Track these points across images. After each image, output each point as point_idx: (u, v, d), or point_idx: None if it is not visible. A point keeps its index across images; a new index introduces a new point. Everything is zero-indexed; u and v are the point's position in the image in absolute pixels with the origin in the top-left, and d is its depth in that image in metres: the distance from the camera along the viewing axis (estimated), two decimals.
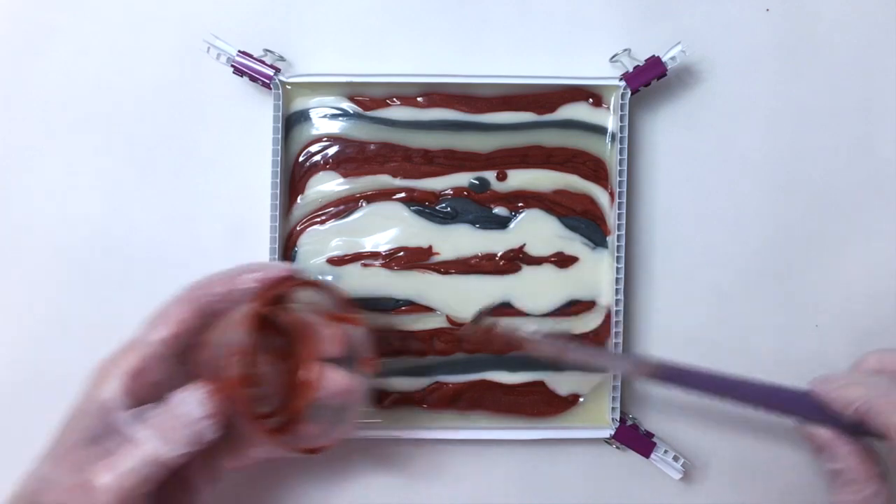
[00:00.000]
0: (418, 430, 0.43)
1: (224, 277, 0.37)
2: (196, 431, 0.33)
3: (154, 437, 0.33)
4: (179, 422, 0.33)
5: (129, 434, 0.33)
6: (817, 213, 0.46)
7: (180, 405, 0.33)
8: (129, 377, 0.34)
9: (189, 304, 0.36)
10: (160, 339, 0.35)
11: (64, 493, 0.32)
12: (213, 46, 0.43)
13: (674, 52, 0.43)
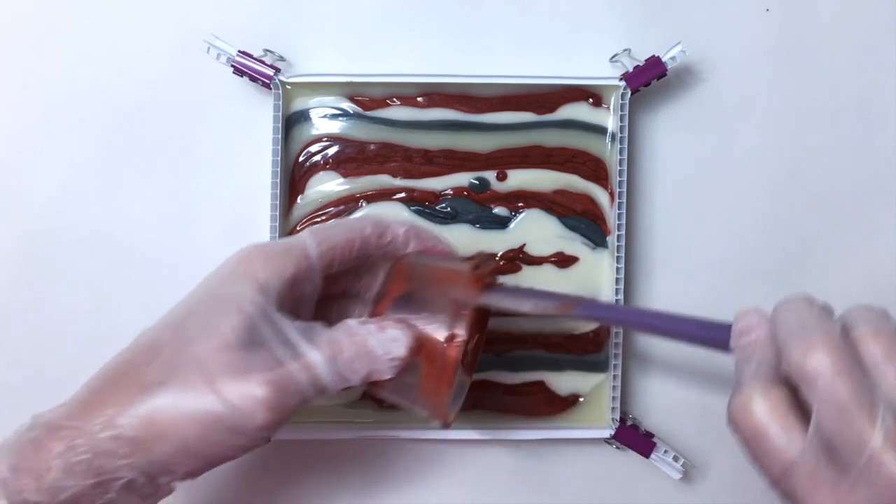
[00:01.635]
0: (418, 430, 0.43)
1: (398, 228, 0.36)
2: (373, 371, 0.32)
3: (326, 361, 0.31)
4: (363, 355, 0.31)
5: (300, 350, 0.31)
6: (817, 213, 0.46)
7: (370, 338, 0.32)
8: (286, 282, 0.32)
9: (358, 233, 0.34)
10: (320, 254, 0.33)
11: (225, 395, 0.29)
12: (213, 46, 0.43)
13: (674, 52, 0.43)
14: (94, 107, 0.45)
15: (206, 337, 0.30)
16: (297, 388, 0.30)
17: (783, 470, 0.26)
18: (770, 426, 0.26)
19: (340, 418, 0.44)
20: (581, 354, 0.45)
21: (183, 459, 0.30)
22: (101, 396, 0.30)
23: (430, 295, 0.34)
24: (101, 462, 0.29)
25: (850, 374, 0.25)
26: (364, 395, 0.44)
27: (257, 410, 0.29)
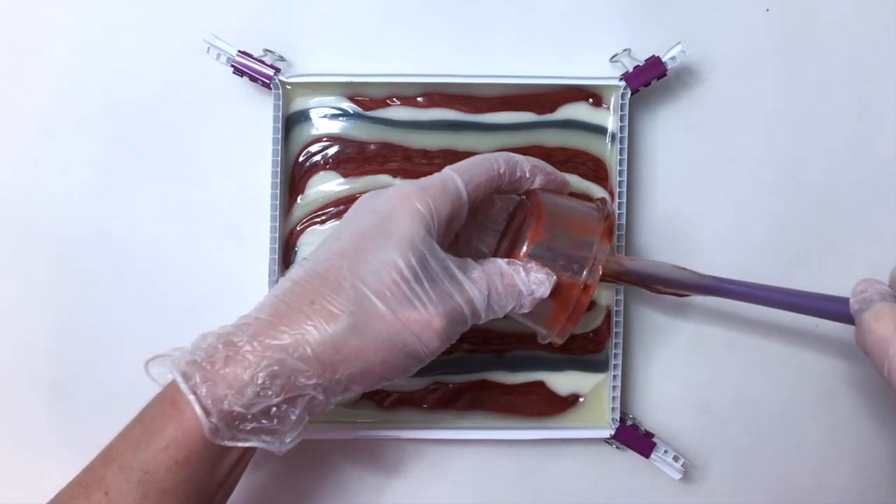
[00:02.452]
0: (418, 430, 0.43)
1: (525, 164, 0.38)
2: (515, 307, 0.35)
3: (483, 296, 0.34)
4: (512, 293, 0.35)
5: (464, 285, 0.34)
6: (817, 213, 0.46)
7: (517, 278, 0.35)
8: (444, 221, 0.34)
9: (494, 171, 0.36)
10: (469, 191, 0.35)
11: (410, 325, 0.32)
12: (213, 46, 0.43)
13: (674, 52, 0.43)
14: (95, 107, 0.45)
15: (384, 271, 0.33)
16: (462, 319, 0.34)
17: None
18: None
19: (340, 418, 0.44)
20: (581, 354, 0.45)
21: (362, 380, 0.33)
22: (291, 320, 0.32)
23: (569, 243, 0.37)
24: (294, 379, 0.31)
25: None
26: (364, 395, 0.44)
27: (434, 338, 0.33)
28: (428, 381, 0.44)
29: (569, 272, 0.36)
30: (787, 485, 0.46)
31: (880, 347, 0.32)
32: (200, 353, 0.32)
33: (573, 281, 0.36)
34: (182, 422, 0.31)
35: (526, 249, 0.36)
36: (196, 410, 0.30)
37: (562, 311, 0.36)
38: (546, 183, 0.39)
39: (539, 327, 0.38)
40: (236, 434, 0.31)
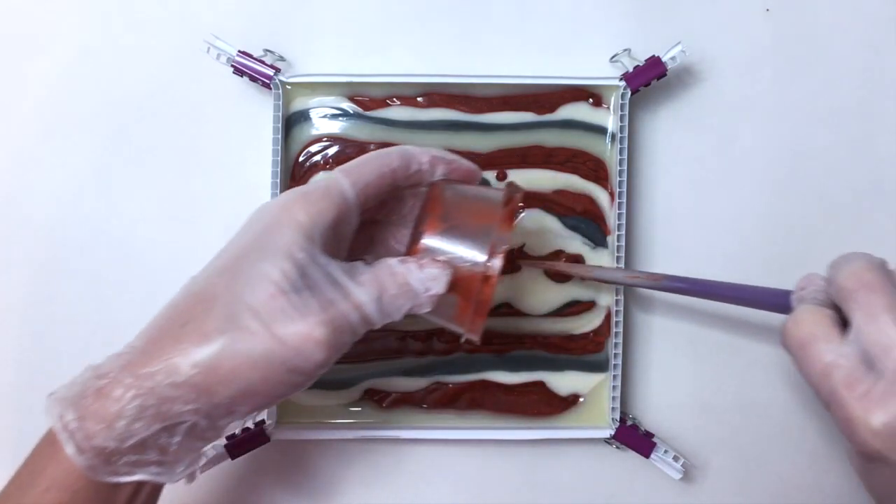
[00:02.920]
0: (418, 430, 0.43)
1: (422, 157, 0.36)
2: (413, 307, 0.33)
3: (374, 300, 0.32)
4: (406, 292, 0.33)
5: (349, 290, 0.32)
6: (817, 213, 0.46)
7: (410, 276, 0.33)
8: (328, 226, 0.33)
9: (386, 168, 0.35)
10: (357, 193, 0.34)
11: (285, 339, 0.30)
12: (213, 46, 0.43)
13: (674, 52, 0.43)
14: (95, 107, 0.45)
15: (259, 285, 0.31)
16: (350, 326, 0.32)
17: (825, 370, 0.29)
18: (815, 334, 0.30)
19: (340, 418, 0.44)
20: (581, 354, 0.45)
21: (245, 401, 0.31)
22: (162, 346, 0.31)
23: (465, 232, 0.35)
24: (168, 407, 0.30)
25: (887, 290, 0.29)
26: (364, 395, 0.44)
27: (316, 350, 0.31)
28: (428, 381, 0.44)
29: (469, 263, 0.34)
30: (787, 485, 0.46)
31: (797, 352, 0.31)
32: (76, 387, 0.30)
33: (473, 272, 0.34)
34: (60, 461, 0.30)
35: (421, 244, 0.35)
36: (69, 449, 0.29)
37: (467, 306, 0.35)
38: (449, 173, 0.37)
39: (451, 325, 0.36)
40: (117, 469, 0.30)
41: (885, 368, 0.28)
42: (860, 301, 0.29)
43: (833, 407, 0.29)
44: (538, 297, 0.44)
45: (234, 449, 0.42)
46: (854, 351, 0.29)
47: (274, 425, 0.43)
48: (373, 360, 0.44)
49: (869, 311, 0.29)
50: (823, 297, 0.32)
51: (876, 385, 0.28)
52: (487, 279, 0.34)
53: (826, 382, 0.29)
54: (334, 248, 0.34)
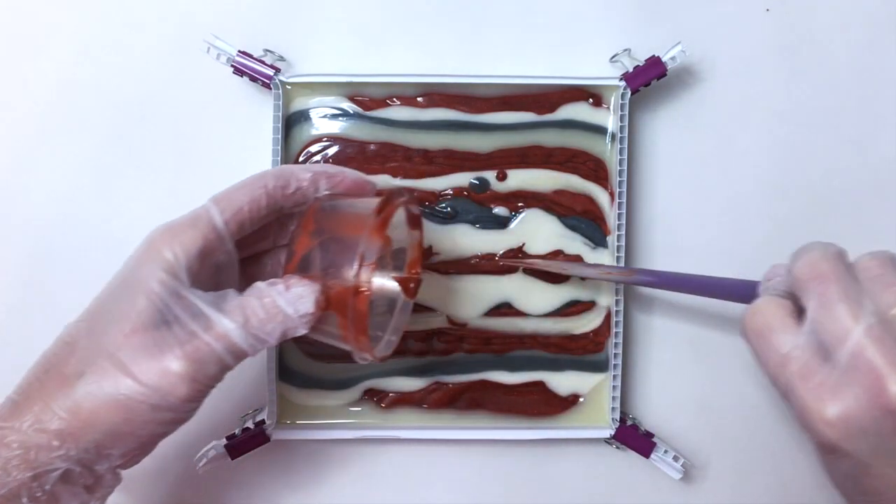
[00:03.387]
0: (418, 430, 0.43)
1: (303, 174, 0.35)
2: (287, 329, 0.32)
3: (239, 327, 0.31)
4: (274, 316, 0.32)
5: (212, 320, 0.31)
6: (817, 213, 0.46)
7: (278, 298, 0.32)
8: (194, 256, 0.32)
9: (261, 191, 0.34)
10: (226, 220, 0.33)
11: (140, 377, 0.30)
12: (213, 46, 0.43)
13: (674, 52, 0.43)
14: (95, 107, 0.45)
15: (116, 323, 0.31)
16: (214, 357, 0.31)
17: (781, 361, 0.29)
18: (771, 324, 0.30)
19: (340, 418, 0.44)
20: (581, 354, 0.44)
21: (114, 443, 0.31)
22: (28, 394, 0.31)
23: (336, 247, 0.34)
24: (34, 456, 0.30)
25: (841, 279, 0.28)
26: (364, 395, 0.44)
27: (177, 385, 0.30)
28: (428, 381, 0.44)
29: (339, 279, 0.33)
30: (787, 485, 0.46)
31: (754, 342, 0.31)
32: None
33: (345, 287, 0.33)
34: None
35: (292, 263, 0.34)
36: None
37: (345, 323, 0.33)
38: (334, 187, 0.36)
39: (342, 345, 0.35)
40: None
41: (839, 358, 0.27)
42: (815, 291, 0.29)
43: (789, 398, 0.29)
44: (538, 297, 0.44)
45: (234, 449, 0.42)
46: (810, 341, 0.29)
47: (274, 425, 0.43)
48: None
49: (823, 301, 0.28)
50: (785, 287, 0.31)
51: (830, 376, 0.27)
52: (358, 292, 0.32)
53: (782, 373, 0.29)
54: (211, 278, 0.34)
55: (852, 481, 0.29)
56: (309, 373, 0.44)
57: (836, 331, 0.28)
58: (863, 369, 0.26)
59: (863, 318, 0.27)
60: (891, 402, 0.26)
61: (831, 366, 0.28)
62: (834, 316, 0.28)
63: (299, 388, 0.44)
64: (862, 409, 0.26)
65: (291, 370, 0.44)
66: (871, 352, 0.26)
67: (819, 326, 0.28)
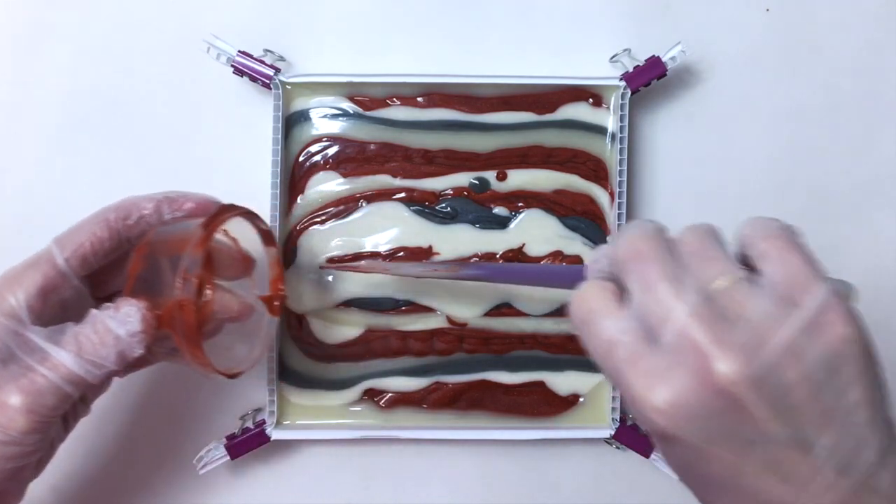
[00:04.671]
0: (418, 430, 0.43)
1: (145, 203, 0.36)
2: (123, 350, 0.33)
3: (74, 355, 0.32)
4: (106, 339, 0.33)
5: (47, 352, 0.32)
6: (817, 213, 0.46)
7: (109, 321, 0.33)
8: (34, 295, 0.33)
9: (102, 225, 0.35)
10: (66, 257, 0.34)
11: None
12: (213, 46, 0.43)
13: (674, 52, 0.43)
14: (95, 106, 0.45)
15: None
16: (51, 388, 0.32)
17: (607, 347, 0.27)
18: (596, 310, 0.28)
19: (340, 418, 0.44)
20: (581, 354, 0.44)
21: None
22: None
23: (165, 266, 0.34)
24: None
25: (660, 258, 0.27)
26: (364, 395, 0.44)
27: (15, 418, 0.31)
28: (428, 381, 0.44)
29: (166, 296, 0.33)
30: None
31: (581, 329, 0.29)
32: None
33: (171, 302, 0.33)
34: None
35: (127, 287, 0.34)
36: None
37: (181, 339, 0.33)
38: (176, 211, 0.36)
39: (195, 367, 0.35)
40: None
41: (664, 341, 0.26)
42: (635, 271, 0.27)
43: (619, 385, 0.27)
44: (538, 297, 0.44)
45: (234, 449, 0.42)
46: (634, 325, 0.27)
47: (274, 425, 0.43)
48: (373, 360, 0.44)
49: (644, 282, 0.27)
50: (609, 269, 0.29)
51: (657, 359, 0.26)
52: (182, 306, 0.33)
53: (610, 360, 0.27)
54: (57, 315, 0.34)
55: (691, 468, 0.27)
56: (309, 373, 0.44)
57: (659, 312, 0.26)
58: (688, 350, 0.25)
59: (685, 296, 0.25)
60: (718, 381, 0.24)
61: (658, 349, 0.26)
62: (656, 297, 0.26)
63: (299, 388, 0.44)
64: (690, 391, 0.25)
65: (291, 370, 0.44)
66: (695, 331, 0.25)
67: (642, 309, 0.27)
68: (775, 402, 0.24)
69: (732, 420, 0.24)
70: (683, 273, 0.26)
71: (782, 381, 0.24)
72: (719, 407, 0.24)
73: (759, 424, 0.24)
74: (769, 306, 0.25)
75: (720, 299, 0.26)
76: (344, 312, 0.44)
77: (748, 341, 0.24)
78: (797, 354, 0.24)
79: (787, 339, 0.25)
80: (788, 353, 0.24)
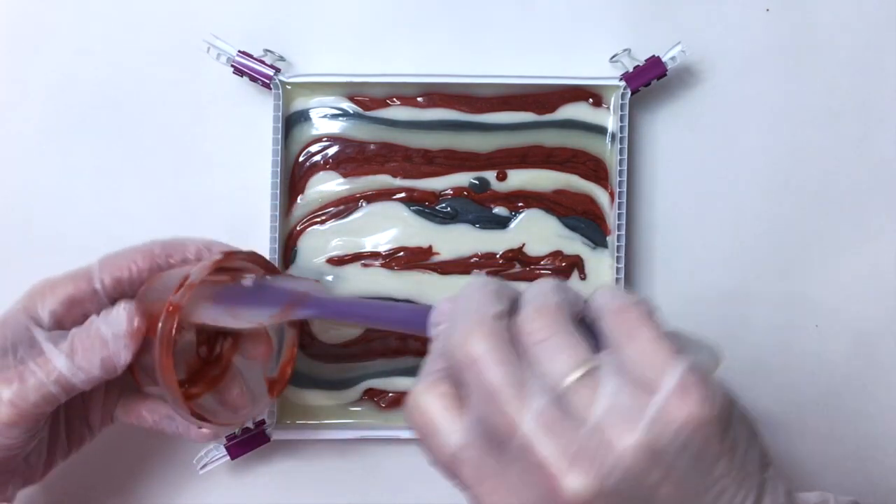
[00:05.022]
0: None
1: (196, 246, 0.37)
2: (109, 355, 0.33)
3: (66, 356, 0.33)
4: (96, 343, 0.33)
5: (44, 351, 0.33)
6: (817, 213, 0.46)
7: (100, 323, 0.34)
8: (60, 302, 0.35)
9: (145, 256, 0.36)
10: (102, 278, 0.35)
11: None
12: (213, 46, 0.43)
13: (674, 52, 0.43)
14: (94, 106, 0.45)
15: None
16: (37, 384, 0.33)
17: (451, 461, 0.25)
18: (433, 422, 0.26)
19: (340, 418, 0.44)
20: None
21: None
22: None
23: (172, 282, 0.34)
24: None
25: (500, 360, 0.24)
26: (364, 395, 0.44)
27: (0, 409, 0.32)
28: None
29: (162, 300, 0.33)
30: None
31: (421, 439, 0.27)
32: None
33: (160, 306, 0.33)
34: None
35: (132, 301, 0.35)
36: None
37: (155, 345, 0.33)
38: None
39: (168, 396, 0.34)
40: None
41: (512, 453, 0.23)
42: (473, 380, 0.24)
43: (470, 499, 0.26)
44: None
45: (234, 449, 0.42)
46: (478, 436, 0.25)
47: (274, 425, 0.43)
48: (373, 359, 0.44)
49: (483, 391, 0.24)
50: (443, 362, 0.27)
51: (506, 475, 0.24)
52: (168, 309, 0.33)
53: (459, 474, 0.26)
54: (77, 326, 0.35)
55: None
56: (309, 373, 0.44)
57: (503, 423, 0.23)
58: (534, 467, 0.23)
59: (529, 402, 0.23)
60: (568, 501, 0.22)
61: (505, 461, 0.24)
62: (498, 408, 0.23)
63: (299, 388, 0.44)
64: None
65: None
66: (540, 444, 0.22)
67: (485, 420, 0.24)
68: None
69: None
70: (528, 373, 0.24)
71: (643, 484, 0.22)
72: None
73: None
74: (622, 399, 0.23)
75: (570, 396, 0.23)
76: None
77: (599, 448, 0.22)
78: (654, 452, 0.22)
79: (639, 440, 0.22)
80: (643, 453, 0.22)
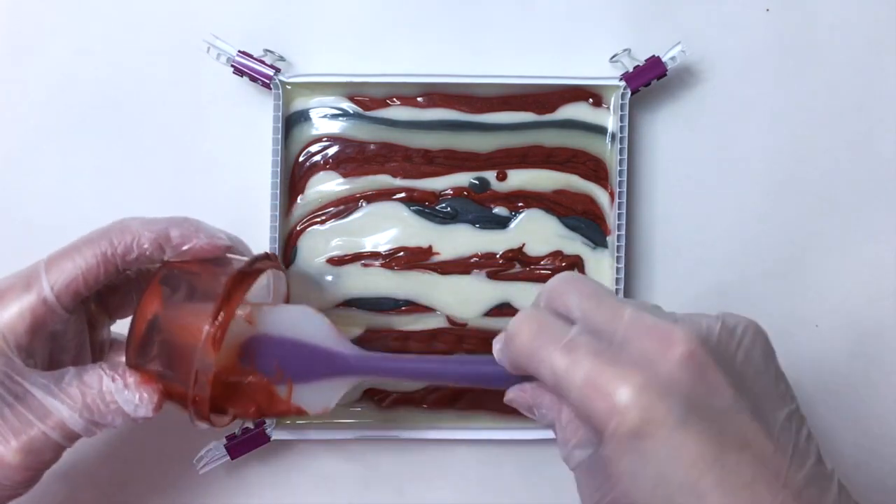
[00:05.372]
0: (418, 430, 0.43)
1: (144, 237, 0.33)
2: (127, 419, 0.33)
3: (77, 415, 0.32)
4: (114, 408, 0.32)
5: (50, 409, 0.31)
6: (817, 213, 0.46)
7: (119, 397, 0.32)
8: (23, 335, 0.31)
9: (98, 257, 0.33)
10: (57, 292, 0.32)
11: None
12: (213, 46, 0.43)
13: (674, 52, 0.43)
14: (94, 106, 0.45)
15: None
16: (51, 444, 0.32)
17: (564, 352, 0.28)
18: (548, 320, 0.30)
19: (340, 418, 0.44)
20: None
21: None
22: None
23: (176, 343, 0.32)
24: None
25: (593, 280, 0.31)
26: (364, 395, 0.44)
27: (12, 474, 0.31)
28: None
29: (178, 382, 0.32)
30: None
31: (527, 353, 0.30)
32: None
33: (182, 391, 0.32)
34: None
35: (132, 347, 0.33)
36: None
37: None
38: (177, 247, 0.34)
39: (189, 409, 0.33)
40: None
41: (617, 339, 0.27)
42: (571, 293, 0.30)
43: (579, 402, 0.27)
44: None
45: (234, 449, 0.42)
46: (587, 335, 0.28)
47: (274, 425, 0.43)
48: None
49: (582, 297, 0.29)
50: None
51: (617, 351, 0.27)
52: (195, 401, 0.32)
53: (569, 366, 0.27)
54: (55, 349, 0.33)
55: (657, 473, 0.25)
56: None
57: (608, 317, 0.28)
58: (645, 331, 0.27)
59: (628, 304, 0.28)
60: (681, 350, 0.26)
61: (616, 343, 0.27)
62: (602, 303, 0.28)
63: None
64: (656, 370, 0.26)
65: None
66: (649, 315, 0.27)
67: (590, 321, 0.28)
68: (729, 370, 0.27)
69: (700, 390, 0.26)
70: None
71: (729, 352, 0.27)
72: (686, 378, 0.26)
73: (723, 391, 0.26)
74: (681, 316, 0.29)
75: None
76: (344, 312, 0.44)
77: (690, 319, 0.28)
78: (730, 331, 0.28)
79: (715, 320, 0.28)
80: (726, 330, 0.28)
